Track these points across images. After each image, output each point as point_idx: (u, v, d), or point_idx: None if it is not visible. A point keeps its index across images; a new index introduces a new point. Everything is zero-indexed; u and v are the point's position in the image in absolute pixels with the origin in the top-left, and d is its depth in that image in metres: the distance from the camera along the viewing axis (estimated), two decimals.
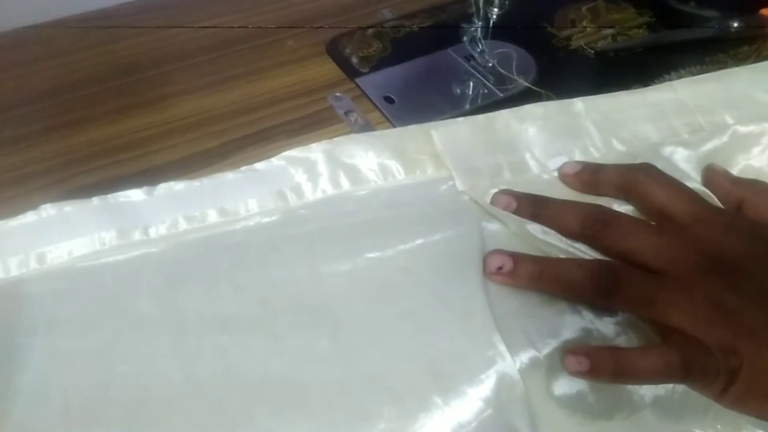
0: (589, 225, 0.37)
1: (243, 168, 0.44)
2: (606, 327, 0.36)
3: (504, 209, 0.40)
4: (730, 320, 0.32)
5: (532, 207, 0.39)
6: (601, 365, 0.33)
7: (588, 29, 0.60)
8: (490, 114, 0.46)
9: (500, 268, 0.37)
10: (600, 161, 0.43)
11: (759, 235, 0.35)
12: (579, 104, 0.47)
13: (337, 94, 0.53)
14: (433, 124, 0.46)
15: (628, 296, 0.35)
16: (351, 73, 0.55)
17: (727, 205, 0.40)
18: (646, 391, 0.35)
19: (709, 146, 0.44)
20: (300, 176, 0.43)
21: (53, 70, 0.55)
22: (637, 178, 0.39)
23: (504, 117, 0.46)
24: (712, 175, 0.42)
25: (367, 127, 0.50)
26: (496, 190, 0.41)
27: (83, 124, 0.50)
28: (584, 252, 0.37)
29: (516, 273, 0.37)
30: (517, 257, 0.37)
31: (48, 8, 0.58)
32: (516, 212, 0.40)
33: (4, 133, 0.49)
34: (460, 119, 0.46)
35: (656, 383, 0.35)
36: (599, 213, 0.38)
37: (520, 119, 0.46)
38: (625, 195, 0.40)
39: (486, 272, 0.37)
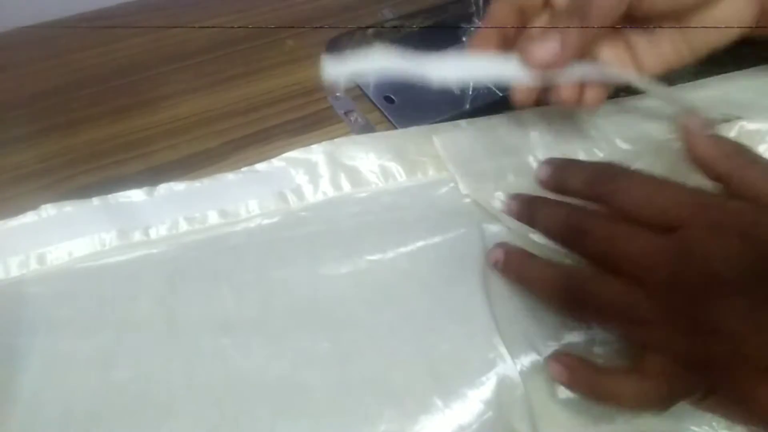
0: (567, 233, 0.34)
1: (244, 169, 0.43)
2: (607, 330, 0.35)
3: (506, 213, 0.39)
4: (707, 341, 0.29)
5: (528, 211, 0.37)
6: (579, 381, 0.32)
7: None
8: (491, 117, 0.46)
9: (497, 262, 0.37)
10: (605, 161, 0.43)
11: (749, 237, 0.29)
12: None
13: (337, 94, 0.52)
14: (434, 126, 0.46)
15: (598, 312, 0.32)
16: None
17: (711, 177, 0.33)
18: None
19: None
20: (301, 178, 0.43)
21: (53, 70, 0.55)
22: (605, 185, 0.33)
23: (505, 121, 0.45)
24: (691, 137, 0.34)
25: (367, 127, 0.49)
26: (500, 193, 0.41)
27: (83, 124, 0.50)
28: None
29: (505, 269, 0.36)
30: (509, 252, 0.36)
31: (48, 8, 0.58)
32: (516, 218, 0.38)
33: (4, 133, 0.49)
34: (462, 122, 0.46)
35: (634, 410, 0.33)
36: (580, 221, 0.33)
37: (521, 123, 0.45)
38: (597, 202, 0.34)
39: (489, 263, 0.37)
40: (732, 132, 0.44)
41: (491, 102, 0.52)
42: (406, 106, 0.52)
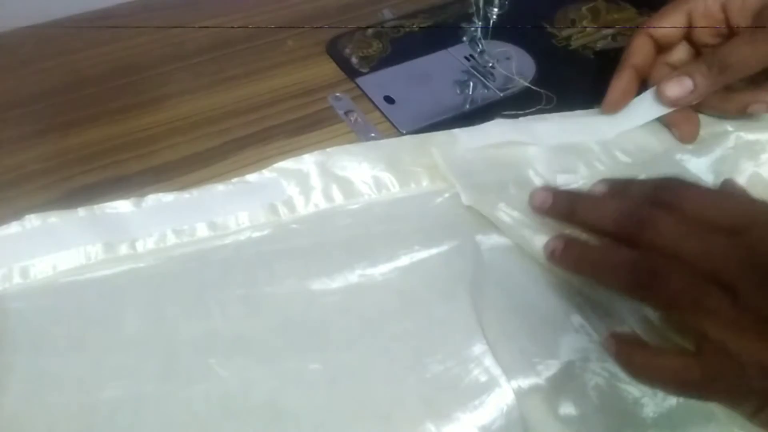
0: (624, 224, 0.30)
1: (234, 180, 0.41)
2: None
3: (540, 206, 0.34)
4: None
5: (567, 204, 0.33)
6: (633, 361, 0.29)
7: (588, 29, 0.55)
8: (486, 125, 0.43)
9: (553, 252, 0.32)
10: (605, 175, 0.38)
11: None
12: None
13: (337, 94, 0.49)
14: (428, 135, 0.43)
15: (666, 294, 0.28)
16: (351, 73, 0.51)
17: None
18: (649, 410, 0.31)
19: (716, 154, 0.41)
20: (292, 189, 0.40)
21: (53, 70, 0.52)
22: (668, 194, 0.30)
23: (502, 130, 0.42)
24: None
25: (367, 127, 0.46)
26: (503, 204, 0.36)
27: (83, 124, 0.47)
28: None
29: (563, 257, 0.32)
30: (569, 240, 0.32)
31: (48, 8, 0.55)
32: (551, 210, 0.34)
33: (3, 133, 0.46)
34: (456, 131, 0.43)
35: (673, 391, 0.30)
36: (635, 212, 0.30)
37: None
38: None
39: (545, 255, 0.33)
40: (729, 143, 0.41)
41: (491, 102, 0.49)
42: (406, 106, 0.48)
